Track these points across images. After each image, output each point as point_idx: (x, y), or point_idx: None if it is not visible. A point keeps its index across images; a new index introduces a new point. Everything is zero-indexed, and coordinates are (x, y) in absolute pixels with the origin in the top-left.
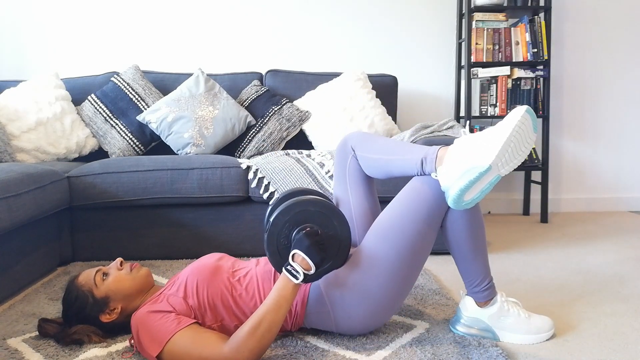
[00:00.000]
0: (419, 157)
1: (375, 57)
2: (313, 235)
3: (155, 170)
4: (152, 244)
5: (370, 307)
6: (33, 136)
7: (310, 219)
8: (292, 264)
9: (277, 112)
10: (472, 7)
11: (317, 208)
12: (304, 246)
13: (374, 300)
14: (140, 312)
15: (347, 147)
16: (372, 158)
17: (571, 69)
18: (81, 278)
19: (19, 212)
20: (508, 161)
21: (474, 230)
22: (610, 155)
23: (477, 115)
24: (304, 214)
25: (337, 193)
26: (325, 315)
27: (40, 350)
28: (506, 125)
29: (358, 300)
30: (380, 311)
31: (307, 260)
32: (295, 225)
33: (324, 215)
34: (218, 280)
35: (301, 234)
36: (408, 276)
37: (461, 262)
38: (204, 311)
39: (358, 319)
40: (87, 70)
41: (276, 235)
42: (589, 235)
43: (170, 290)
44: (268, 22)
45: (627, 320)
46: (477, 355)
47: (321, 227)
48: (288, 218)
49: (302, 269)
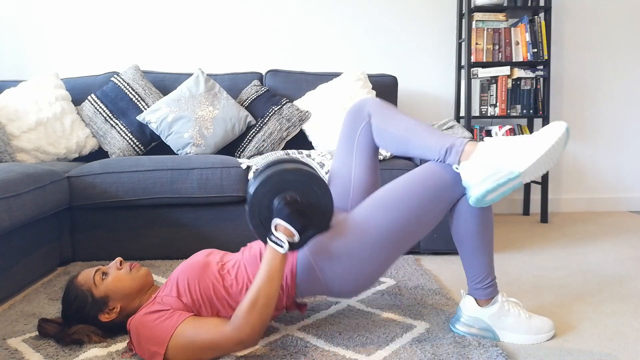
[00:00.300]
0: (444, 144)
1: (375, 57)
2: (293, 203)
3: (155, 170)
4: (152, 244)
5: (359, 271)
6: (33, 136)
7: (290, 187)
8: (275, 234)
9: (277, 112)
10: (472, 7)
11: (296, 176)
12: (284, 214)
13: (362, 265)
14: (137, 315)
15: (363, 112)
16: (391, 132)
17: (571, 69)
18: (80, 277)
19: (19, 212)
20: (536, 172)
21: (483, 224)
22: (610, 155)
23: (477, 115)
24: (282, 183)
25: (337, 161)
26: (316, 281)
27: (40, 350)
28: (547, 138)
29: (347, 264)
30: (368, 275)
31: (289, 228)
32: (275, 195)
33: (303, 182)
34: (208, 275)
35: (281, 203)
36: (398, 249)
37: (466, 255)
38: (199, 307)
39: (348, 282)
40: (87, 70)
41: (257, 207)
42: (589, 235)
43: (164, 291)
44: (268, 22)
45: (627, 320)
46: (477, 355)
47: (301, 195)
48: (268, 188)
49: (286, 237)
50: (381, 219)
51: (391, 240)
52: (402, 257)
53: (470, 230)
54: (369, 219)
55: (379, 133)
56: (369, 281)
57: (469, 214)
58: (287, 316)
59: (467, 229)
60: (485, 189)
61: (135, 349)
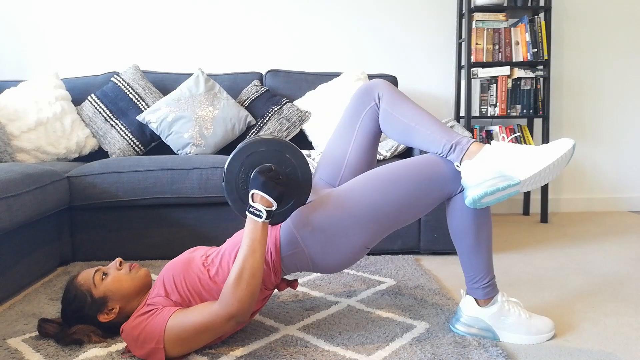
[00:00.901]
0: (450, 140)
1: (375, 57)
2: (267, 171)
3: (155, 170)
4: (152, 244)
5: (342, 246)
6: (33, 136)
7: (265, 159)
8: (253, 205)
9: (277, 112)
10: (472, 7)
11: (268, 146)
12: (258, 183)
13: (345, 240)
14: (128, 322)
15: (373, 93)
16: (397, 118)
17: (571, 69)
18: (80, 278)
19: (19, 212)
20: (536, 182)
21: (479, 222)
22: (610, 155)
23: (477, 115)
24: (256, 155)
25: (336, 136)
26: (301, 255)
27: (40, 350)
28: (553, 152)
29: (330, 237)
30: (352, 251)
31: (265, 197)
32: (250, 168)
33: (278, 152)
34: (193, 269)
35: (255, 173)
36: (383, 230)
37: (463, 254)
38: (189, 302)
39: (331, 256)
40: (87, 70)
41: (234, 182)
42: (589, 235)
43: (152, 293)
44: (268, 22)
45: (627, 320)
46: (477, 355)
47: (277, 165)
48: (241, 162)
49: (264, 207)
50: (372, 198)
51: (377, 217)
52: (402, 257)
53: (466, 229)
54: (359, 195)
55: (385, 117)
56: (352, 256)
57: (465, 212)
58: (287, 316)
59: (464, 227)
60: (484, 191)
61: (133, 352)
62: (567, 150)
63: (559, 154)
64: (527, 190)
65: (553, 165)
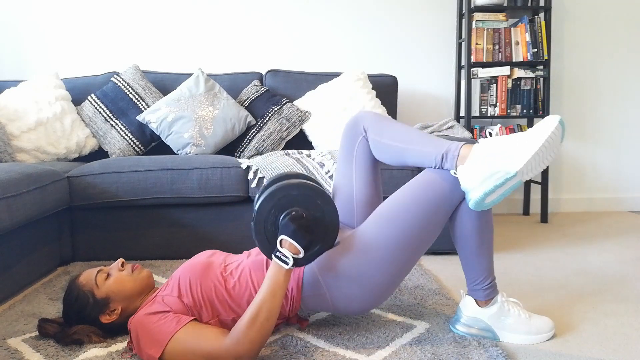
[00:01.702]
0: (440, 151)
1: (375, 57)
2: (298, 218)
3: (155, 170)
4: (152, 244)
5: (367, 290)
6: (33, 136)
7: (295, 202)
8: (281, 250)
9: (277, 112)
10: (472, 7)
11: (300, 191)
12: (289, 231)
13: (370, 283)
14: (137, 316)
15: (359, 127)
16: (387, 144)
17: (571, 69)
18: (82, 278)
19: (19, 212)
20: (533, 169)
21: (482, 225)
22: (610, 155)
23: (477, 115)
24: (287, 198)
25: (339, 176)
26: (322, 298)
27: (40, 350)
28: (539, 133)
29: (354, 282)
30: (377, 293)
31: (294, 245)
32: (280, 211)
33: (309, 197)
34: (210, 276)
35: (286, 219)
36: (407, 262)
37: (465, 257)
38: (200, 308)
39: (355, 300)
40: (87, 70)
41: (263, 222)
42: (589, 235)
43: (165, 290)
44: (268, 22)
45: (627, 320)
46: (477, 355)
47: (306, 210)
48: (272, 204)
49: (291, 253)
50: (387, 234)
51: (398, 254)
52: None
53: (469, 233)
54: (375, 235)
55: (376, 146)
56: (376, 299)
57: (468, 217)
58: None
59: (466, 231)
60: (484, 191)
61: (135, 348)
62: (554, 128)
63: (546, 134)
64: (528, 178)
65: (544, 147)
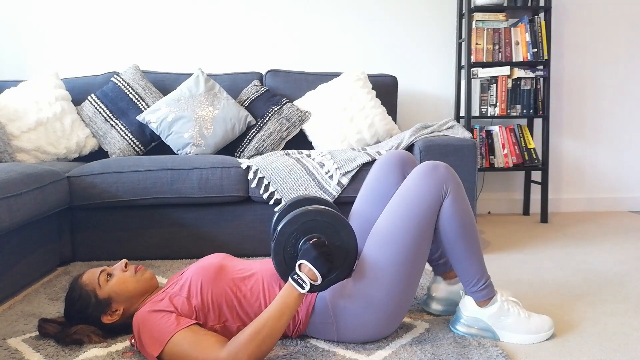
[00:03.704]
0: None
1: (375, 57)
2: (320, 246)
3: (155, 170)
4: (152, 244)
5: (374, 317)
6: (33, 136)
7: (317, 229)
8: (299, 274)
9: (277, 112)
10: (472, 7)
11: (325, 218)
12: (311, 257)
13: (377, 310)
14: (142, 311)
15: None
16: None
17: (571, 69)
18: (85, 277)
19: (19, 212)
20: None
21: (465, 231)
22: (610, 155)
23: (477, 115)
24: (311, 223)
25: (369, 200)
26: (329, 327)
27: (40, 350)
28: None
29: (362, 310)
30: (384, 321)
31: (313, 271)
32: (303, 235)
33: (331, 225)
34: (223, 281)
35: (308, 245)
36: (410, 281)
37: (457, 262)
38: (207, 311)
39: (362, 330)
40: (87, 70)
41: (283, 244)
42: (589, 235)
43: (174, 289)
44: (268, 22)
45: (627, 320)
46: (477, 355)
47: (328, 238)
48: (295, 227)
49: (309, 279)
50: (388, 258)
51: (402, 272)
52: None
53: (454, 239)
54: (377, 260)
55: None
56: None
57: (449, 225)
58: None
59: (451, 237)
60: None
61: (137, 343)
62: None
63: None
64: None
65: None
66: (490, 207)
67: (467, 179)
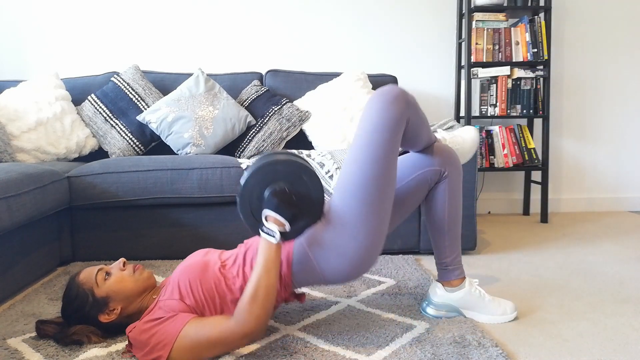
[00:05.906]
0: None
1: (375, 57)
2: (281, 193)
3: (155, 170)
4: (152, 244)
5: (350, 258)
6: (33, 136)
7: (280, 177)
8: (266, 225)
9: (277, 112)
10: (472, 7)
11: (285, 167)
12: (273, 205)
13: (353, 252)
14: (138, 325)
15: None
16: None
17: (571, 69)
18: (82, 276)
19: (19, 212)
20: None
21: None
22: (610, 155)
23: (477, 115)
24: (272, 174)
25: None
26: (312, 270)
27: (40, 350)
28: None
29: (338, 254)
30: (361, 259)
31: (278, 219)
32: (266, 186)
33: (293, 172)
34: (209, 275)
35: (269, 194)
36: (380, 213)
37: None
38: (203, 307)
39: (344, 269)
40: (87, 70)
41: (248, 197)
42: (589, 235)
43: (164, 295)
44: (268, 22)
45: (627, 320)
46: (477, 355)
47: (291, 185)
48: (258, 179)
49: (277, 227)
50: (352, 203)
51: (368, 215)
52: (402, 257)
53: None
54: (343, 206)
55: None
56: (362, 265)
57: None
58: (287, 316)
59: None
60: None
61: (136, 354)
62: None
63: (507, 319)
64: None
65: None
66: (490, 207)
67: (467, 179)
